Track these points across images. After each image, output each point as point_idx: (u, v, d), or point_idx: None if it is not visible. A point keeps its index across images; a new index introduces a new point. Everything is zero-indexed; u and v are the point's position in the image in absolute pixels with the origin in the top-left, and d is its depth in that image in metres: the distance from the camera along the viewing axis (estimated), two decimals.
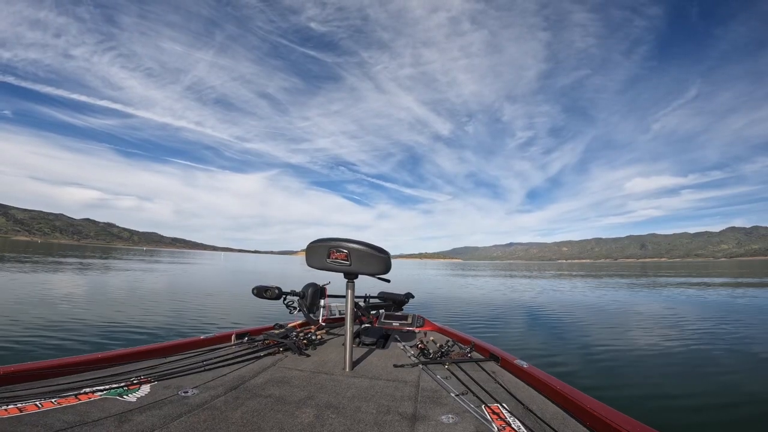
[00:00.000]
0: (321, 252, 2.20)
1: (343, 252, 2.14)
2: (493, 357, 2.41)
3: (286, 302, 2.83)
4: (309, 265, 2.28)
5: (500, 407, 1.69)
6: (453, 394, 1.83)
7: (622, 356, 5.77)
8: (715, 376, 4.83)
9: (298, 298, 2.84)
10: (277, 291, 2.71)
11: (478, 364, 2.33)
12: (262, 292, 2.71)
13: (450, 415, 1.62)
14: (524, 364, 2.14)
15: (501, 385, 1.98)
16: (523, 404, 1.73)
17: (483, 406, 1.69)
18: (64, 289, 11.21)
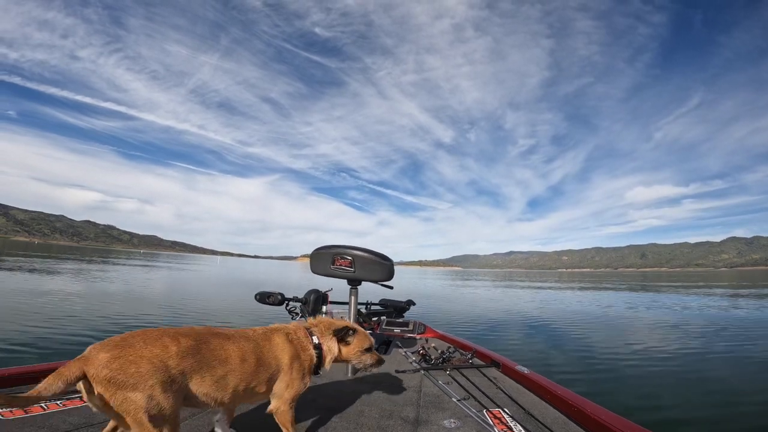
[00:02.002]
0: (325, 259, 2.25)
1: (347, 259, 2.18)
2: (494, 363, 2.45)
3: (288, 308, 2.86)
4: (313, 271, 2.32)
5: (502, 412, 1.72)
6: (455, 399, 1.86)
7: (622, 362, 5.80)
8: (714, 383, 4.87)
9: (300, 304, 2.87)
10: (279, 297, 2.74)
11: (480, 370, 2.35)
12: (264, 297, 2.74)
13: (452, 420, 1.65)
14: (525, 370, 2.18)
15: (502, 390, 2.01)
16: (524, 409, 1.76)
17: (485, 411, 1.73)
18: (68, 292, 11.21)
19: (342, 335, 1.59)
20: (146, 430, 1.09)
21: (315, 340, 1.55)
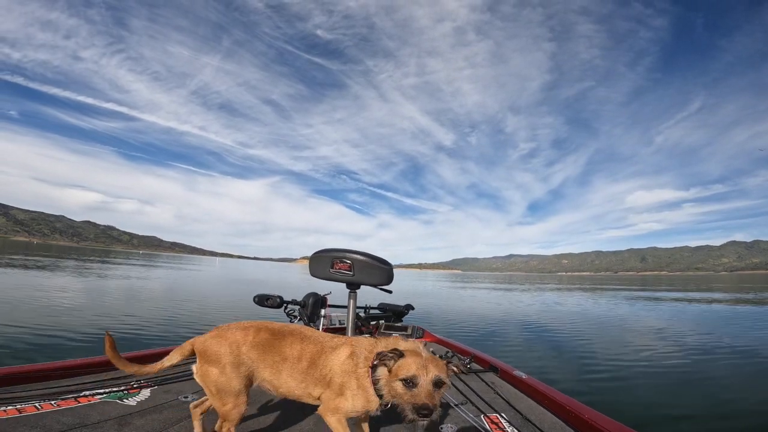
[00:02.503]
0: (324, 262, 2.25)
1: (346, 262, 2.18)
2: (493, 368, 2.44)
3: (287, 311, 2.86)
4: (312, 274, 2.32)
5: (499, 417, 1.72)
6: (452, 404, 1.85)
7: (620, 368, 5.78)
8: (713, 389, 4.85)
9: (299, 307, 2.87)
10: (278, 300, 2.74)
11: (478, 375, 2.35)
12: (263, 300, 2.74)
13: (449, 425, 1.64)
14: (523, 375, 2.17)
15: (500, 395, 2.00)
16: (522, 414, 1.76)
17: (482, 416, 1.73)
18: (64, 293, 11.19)
19: (382, 357, 1.30)
20: (215, 399, 1.39)
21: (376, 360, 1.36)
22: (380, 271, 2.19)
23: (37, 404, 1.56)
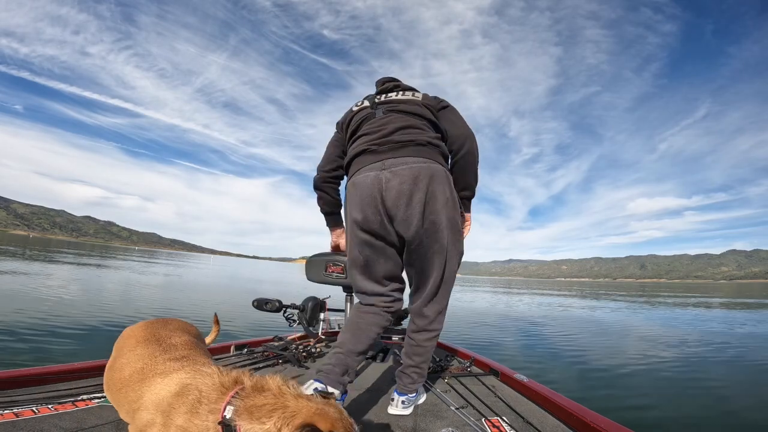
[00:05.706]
0: (319, 266, 2.24)
1: (339, 265, 2.18)
2: (493, 371, 2.42)
3: (286, 315, 2.84)
4: (308, 278, 2.31)
5: (500, 421, 1.70)
6: (453, 408, 1.84)
7: (621, 372, 5.77)
8: (713, 393, 4.84)
9: (298, 311, 2.85)
10: (277, 304, 2.72)
11: (478, 379, 2.32)
12: (262, 304, 2.72)
13: (450, 429, 1.62)
14: (524, 379, 2.14)
15: (501, 399, 1.98)
16: (523, 418, 1.73)
17: (483, 420, 1.70)
18: (62, 294, 11.16)
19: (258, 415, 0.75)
20: None
21: (228, 412, 0.78)
22: None
23: (34, 408, 1.54)
